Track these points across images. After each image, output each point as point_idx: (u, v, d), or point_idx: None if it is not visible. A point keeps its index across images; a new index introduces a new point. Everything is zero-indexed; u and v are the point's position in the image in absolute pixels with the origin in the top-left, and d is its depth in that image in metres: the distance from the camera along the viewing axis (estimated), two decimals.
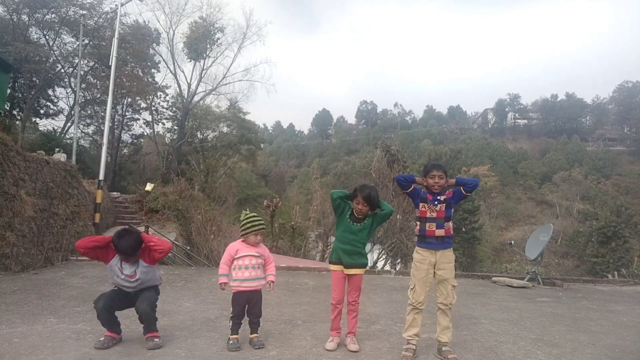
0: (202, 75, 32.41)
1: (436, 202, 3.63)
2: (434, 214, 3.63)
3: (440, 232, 3.63)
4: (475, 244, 36.44)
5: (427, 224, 3.65)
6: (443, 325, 3.68)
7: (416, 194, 3.71)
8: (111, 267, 3.68)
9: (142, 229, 12.15)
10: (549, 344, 4.31)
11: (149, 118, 32.18)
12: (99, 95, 25.67)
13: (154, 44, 30.65)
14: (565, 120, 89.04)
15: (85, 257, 3.73)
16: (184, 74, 32.77)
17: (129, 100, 29.44)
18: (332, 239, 21.73)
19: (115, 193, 18.02)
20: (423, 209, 3.67)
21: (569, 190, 54.63)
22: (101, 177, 12.61)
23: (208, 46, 31.91)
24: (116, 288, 3.80)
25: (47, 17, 22.55)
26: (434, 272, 3.68)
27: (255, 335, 3.82)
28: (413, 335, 3.68)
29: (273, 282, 3.83)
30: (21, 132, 19.48)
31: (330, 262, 3.93)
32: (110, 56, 13.95)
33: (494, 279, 8.52)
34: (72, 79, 23.98)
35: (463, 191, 3.67)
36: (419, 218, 3.72)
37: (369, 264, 19.02)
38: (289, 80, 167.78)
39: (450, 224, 3.70)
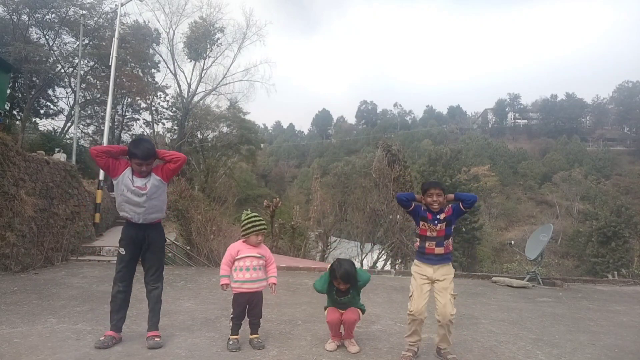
0: (202, 75, 32.45)
1: (436, 222, 3.64)
2: (434, 233, 3.64)
3: (439, 250, 3.65)
4: (475, 244, 36.45)
5: (427, 242, 3.67)
6: (441, 334, 3.63)
7: (417, 212, 3.72)
8: (122, 179, 3.62)
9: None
10: (549, 344, 4.31)
11: (149, 118, 32.21)
12: (99, 95, 25.65)
13: (154, 44, 30.66)
14: (565, 120, 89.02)
15: (95, 161, 3.67)
16: (184, 74, 32.82)
17: (129, 100, 29.42)
18: (332, 238, 21.76)
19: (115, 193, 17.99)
20: (423, 227, 3.69)
21: (569, 190, 54.65)
22: (101, 177, 12.61)
23: (208, 46, 31.92)
24: (122, 251, 3.73)
25: (47, 17, 22.53)
26: (433, 285, 3.67)
27: (256, 336, 3.82)
28: (415, 341, 3.69)
29: (275, 284, 3.83)
30: (21, 132, 19.46)
31: (326, 308, 3.94)
32: (110, 56, 13.96)
33: (494, 279, 8.53)
34: (72, 79, 23.96)
35: (462, 207, 3.67)
36: (419, 236, 3.73)
37: (369, 264, 19.07)
38: (289, 80, 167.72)
39: (450, 240, 3.71)
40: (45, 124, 26.18)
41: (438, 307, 3.59)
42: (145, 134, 33.10)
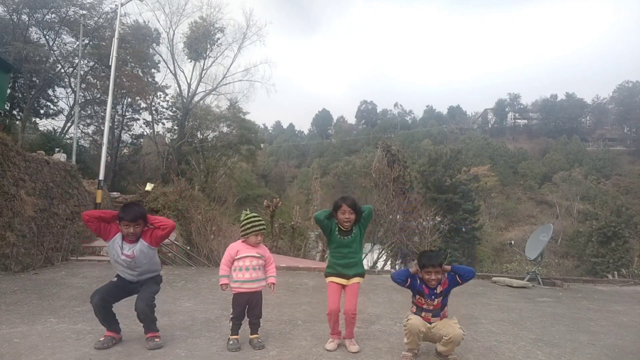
0: (202, 75, 32.46)
1: (433, 297, 3.61)
2: (431, 307, 3.63)
3: (435, 320, 3.64)
4: (475, 244, 36.39)
5: (423, 313, 3.65)
6: (449, 348, 3.57)
7: (413, 287, 3.68)
8: (112, 245, 3.66)
9: None
10: (549, 344, 4.31)
11: (149, 118, 32.23)
12: (99, 95, 25.68)
13: (154, 44, 30.68)
14: (565, 120, 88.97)
15: (88, 226, 3.72)
16: (184, 74, 32.82)
17: (129, 100, 29.45)
18: None
19: (115, 193, 18.00)
20: (419, 301, 3.67)
21: (569, 190, 54.63)
22: (101, 177, 12.61)
23: (208, 46, 31.93)
24: (115, 279, 3.78)
25: (47, 17, 22.55)
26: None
27: (256, 336, 3.82)
28: (414, 347, 3.68)
29: (274, 284, 3.83)
30: (21, 132, 19.47)
31: (326, 275, 3.92)
32: (110, 56, 13.95)
33: (494, 279, 8.53)
34: (72, 79, 23.98)
35: (459, 280, 3.64)
36: (416, 305, 3.71)
37: (369, 264, 19.08)
38: (289, 80, 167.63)
39: (446, 309, 3.69)
40: (45, 124, 26.25)
41: (448, 332, 3.52)
42: (145, 133, 33.15)
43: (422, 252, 3.78)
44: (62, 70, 24.38)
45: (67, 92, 25.42)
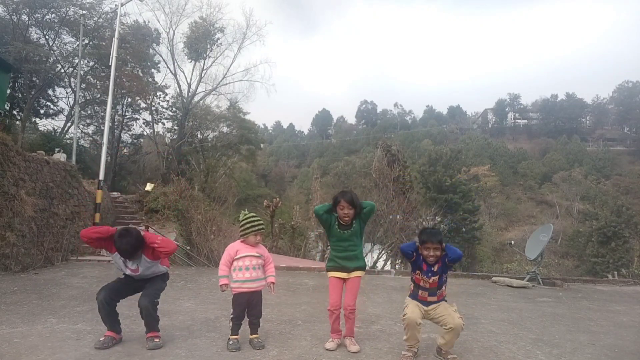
0: (202, 75, 32.40)
1: (430, 275, 3.59)
2: (427, 285, 3.61)
3: (432, 299, 3.62)
4: (475, 244, 36.40)
5: (420, 291, 3.64)
6: (448, 339, 3.58)
7: (415, 262, 3.67)
8: (116, 259, 3.70)
9: (142, 228, 12.14)
10: (549, 344, 4.31)
11: (149, 118, 32.19)
12: (99, 95, 25.64)
13: (154, 44, 30.63)
14: (565, 120, 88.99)
15: (88, 245, 3.76)
16: (184, 74, 32.77)
17: (129, 100, 29.41)
18: None
19: (115, 193, 17.99)
20: (417, 277, 3.66)
21: (569, 190, 54.61)
22: (101, 177, 12.60)
23: (208, 46, 31.90)
24: (122, 276, 3.83)
25: (47, 17, 22.52)
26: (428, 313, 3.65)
27: (256, 336, 3.82)
28: (413, 344, 3.67)
29: (273, 283, 3.83)
30: (21, 132, 19.46)
31: (328, 270, 3.92)
32: (110, 56, 13.95)
33: (494, 279, 8.53)
34: (72, 79, 23.95)
35: (447, 261, 3.62)
36: (413, 282, 3.71)
37: (369, 264, 19.08)
38: (289, 80, 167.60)
39: (444, 288, 3.67)
40: (45, 124, 26.20)
41: (448, 321, 3.51)
42: (145, 133, 33.13)
43: (423, 228, 3.81)
44: (62, 70, 24.35)
45: (67, 92, 25.39)
